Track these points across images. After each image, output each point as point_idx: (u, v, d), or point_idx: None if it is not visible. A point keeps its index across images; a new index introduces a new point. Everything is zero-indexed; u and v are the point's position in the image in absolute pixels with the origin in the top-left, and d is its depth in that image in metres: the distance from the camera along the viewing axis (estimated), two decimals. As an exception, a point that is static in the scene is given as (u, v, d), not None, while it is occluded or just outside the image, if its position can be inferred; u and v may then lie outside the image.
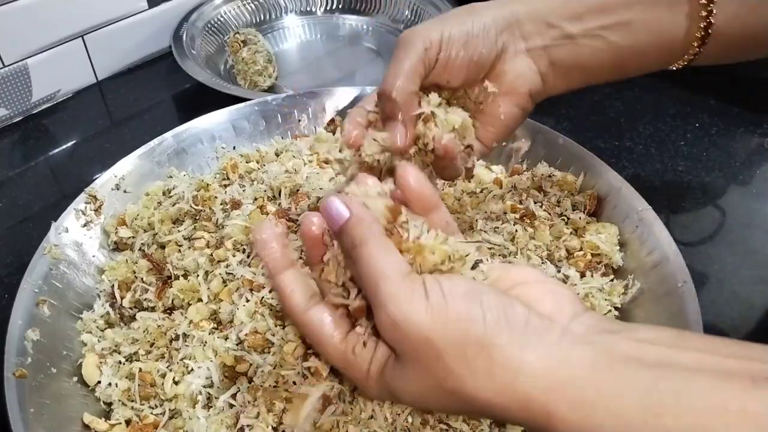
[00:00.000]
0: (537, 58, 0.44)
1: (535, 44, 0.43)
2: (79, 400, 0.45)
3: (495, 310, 0.28)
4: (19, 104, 0.78)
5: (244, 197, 0.56)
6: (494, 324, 0.28)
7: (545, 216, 0.55)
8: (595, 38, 0.43)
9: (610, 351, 0.27)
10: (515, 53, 0.43)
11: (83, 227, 0.55)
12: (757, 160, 0.70)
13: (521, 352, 0.27)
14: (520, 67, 0.43)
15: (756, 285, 0.56)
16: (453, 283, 0.29)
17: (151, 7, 0.87)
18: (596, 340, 0.28)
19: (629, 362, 0.27)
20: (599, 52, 0.43)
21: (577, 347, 0.28)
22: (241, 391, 0.43)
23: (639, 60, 0.44)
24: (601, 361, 0.27)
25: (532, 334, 0.28)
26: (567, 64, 0.44)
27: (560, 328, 0.29)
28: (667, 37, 0.43)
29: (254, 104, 0.66)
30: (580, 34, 0.43)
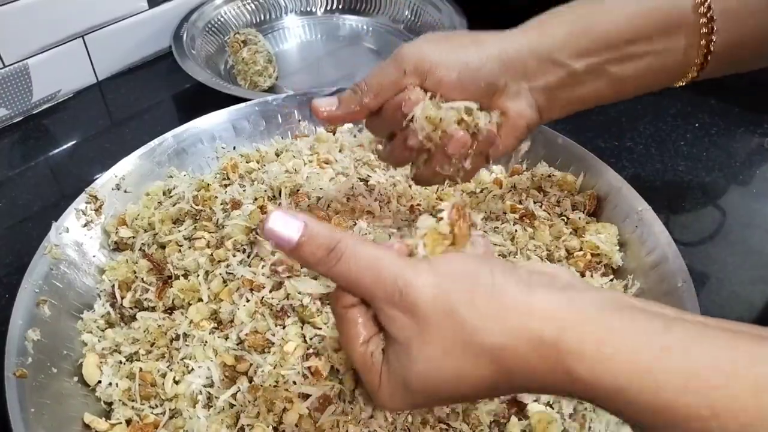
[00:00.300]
0: (537, 96, 0.45)
1: (537, 84, 0.44)
2: (80, 399, 0.45)
3: (501, 265, 0.30)
4: (20, 104, 0.79)
5: (244, 197, 0.56)
6: (501, 275, 0.29)
7: (545, 216, 0.55)
8: (597, 73, 0.44)
9: (618, 299, 0.28)
10: (517, 92, 0.44)
11: (84, 227, 0.55)
12: (757, 160, 0.70)
13: (530, 296, 0.28)
14: (521, 105, 0.44)
15: (756, 285, 0.56)
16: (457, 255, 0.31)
17: (152, 7, 0.87)
18: (600, 292, 0.29)
19: (636, 309, 0.27)
20: (601, 85, 0.44)
21: (585, 293, 0.28)
22: (241, 391, 0.43)
23: (636, 87, 0.46)
24: (609, 306, 0.28)
25: (538, 285, 0.29)
26: (566, 98, 0.45)
27: (564, 281, 0.30)
28: (667, 65, 0.44)
29: (254, 104, 0.66)
30: (584, 70, 0.43)
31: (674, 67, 0.44)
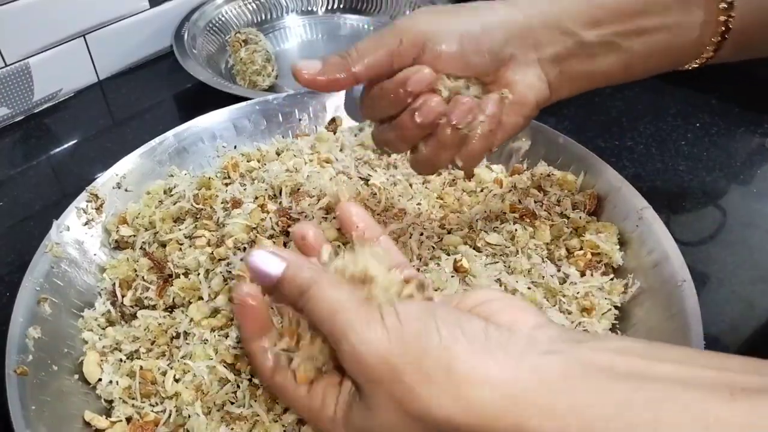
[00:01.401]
0: (547, 68, 0.42)
1: (546, 54, 0.41)
2: (80, 397, 0.45)
3: (449, 322, 0.28)
4: (21, 103, 0.79)
5: (244, 196, 0.56)
6: (449, 335, 0.28)
7: (545, 215, 0.55)
8: (608, 45, 0.41)
9: (580, 360, 0.26)
10: (526, 63, 0.41)
11: (84, 226, 0.55)
12: (757, 159, 0.70)
13: (484, 363, 0.26)
14: (530, 78, 0.41)
15: (756, 285, 0.56)
16: (407, 306, 0.30)
17: (153, 6, 0.87)
18: (564, 349, 0.27)
19: (601, 372, 0.26)
20: (611, 59, 0.42)
21: (545, 357, 0.27)
22: (241, 390, 0.44)
23: (648, 65, 0.43)
24: (571, 371, 0.26)
25: (495, 346, 0.27)
26: (577, 71, 0.42)
27: (524, 337, 0.28)
28: (680, 42, 0.42)
29: (255, 103, 0.66)
30: (595, 41, 0.41)
31: (688, 45, 0.42)
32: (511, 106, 0.41)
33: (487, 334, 0.28)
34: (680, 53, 0.43)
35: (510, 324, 0.29)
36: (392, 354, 0.28)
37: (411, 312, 0.29)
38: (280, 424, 0.41)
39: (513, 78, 0.41)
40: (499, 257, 0.52)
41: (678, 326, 0.44)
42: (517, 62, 0.41)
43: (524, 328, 0.29)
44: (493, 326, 0.28)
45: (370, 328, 0.29)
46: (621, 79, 0.44)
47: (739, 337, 0.52)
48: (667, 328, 0.45)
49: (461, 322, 0.28)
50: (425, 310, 0.29)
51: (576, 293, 0.49)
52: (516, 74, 0.41)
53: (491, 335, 0.28)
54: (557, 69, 0.42)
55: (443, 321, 0.28)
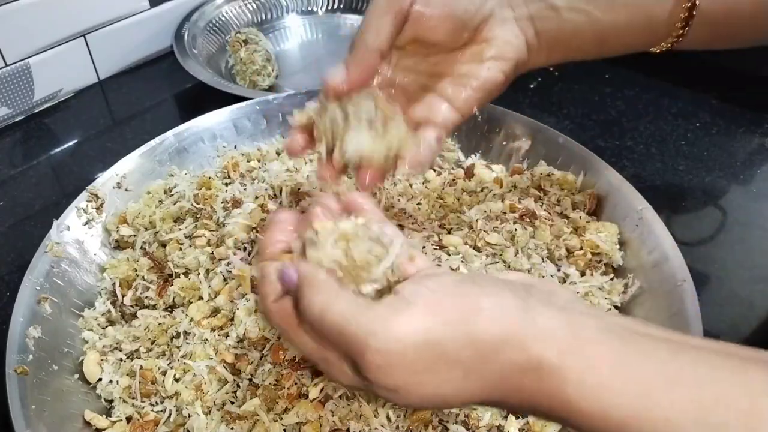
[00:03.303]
0: (524, 28, 0.43)
1: (521, 13, 0.43)
2: (80, 397, 0.46)
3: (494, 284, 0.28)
4: (21, 103, 0.79)
5: (245, 196, 0.56)
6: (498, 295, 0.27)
7: (545, 215, 0.55)
8: (579, 12, 0.43)
9: (620, 323, 0.27)
10: (503, 20, 0.43)
11: (85, 225, 0.55)
12: (758, 159, 0.70)
13: (532, 316, 0.26)
14: (509, 34, 0.43)
15: (756, 285, 0.56)
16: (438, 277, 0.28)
17: (153, 6, 0.87)
18: (602, 315, 0.27)
19: (639, 335, 0.26)
20: (583, 27, 0.44)
21: (586, 317, 0.27)
22: (241, 389, 0.44)
23: (621, 38, 0.44)
24: (612, 330, 0.26)
25: (536, 303, 0.27)
26: (551, 36, 0.44)
27: (564, 300, 0.28)
28: (650, 15, 0.43)
29: (255, 103, 0.66)
30: (565, 7, 0.43)
31: (657, 21, 0.44)
32: (490, 60, 0.42)
33: (529, 293, 0.27)
34: (651, 28, 0.44)
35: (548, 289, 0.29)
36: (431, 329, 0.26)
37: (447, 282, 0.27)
38: (280, 424, 0.41)
39: (493, 34, 0.43)
40: (498, 257, 0.52)
41: (678, 326, 0.44)
42: (495, 19, 0.43)
43: (562, 295, 0.29)
44: (531, 288, 0.28)
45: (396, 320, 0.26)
46: (596, 52, 0.45)
47: (739, 337, 0.52)
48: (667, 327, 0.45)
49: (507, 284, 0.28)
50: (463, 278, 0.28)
51: (576, 293, 0.49)
52: (495, 30, 0.42)
53: (534, 294, 0.27)
54: (533, 29, 0.43)
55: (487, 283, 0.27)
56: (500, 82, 0.43)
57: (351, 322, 0.27)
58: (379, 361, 0.26)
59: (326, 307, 0.28)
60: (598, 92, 0.80)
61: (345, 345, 0.27)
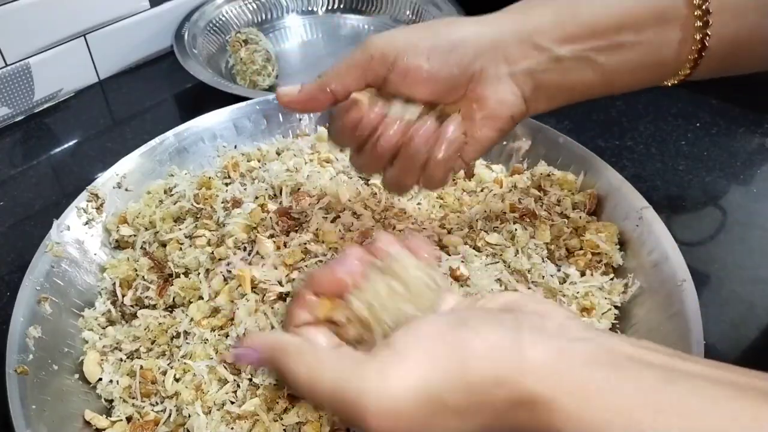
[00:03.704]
0: (521, 83, 0.41)
1: (520, 68, 0.41)
2: (81, 397, 0.45)
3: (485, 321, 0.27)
4: (21, 103, 0.79)
5: (245, 196, 0.56)
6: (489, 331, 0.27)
7: (545, 215, 0.55)
8: (584, 61, 0.41)
9: (611, 348, 0.26)
10: (497, 78, 0.41)
11: (85, 225, 0.55)
12: (758, 159, 0.70)
13: (521, 348, 0.26)
14: (502, 92, 0.41)
15: (756, 285, 0.56)
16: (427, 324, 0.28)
17: (153, 6, 0.87)
18: (595, 337, 0.27)
19: (632, 361, 0.26)
20: (588, 75, 0.41)
21: (577, 342, 0.27)
22: (241, 389, 0.44)
23: (626, 81, 0.43)
24: (602, 356, 0.26)
25: (528, 333, 0.27)
26: (553, 86, 0.42)
27: (556, 324, 0.28)
28: (658, 59, 0.42)
29: (255, 103, 0.66)
30: (569, 57, 0.40)
31: (666, 62, 0.42)
32: (483, 120, 0.41)
33: (519, 322, 0.27)
34: (658, 70, 0.43)
35: (540, 313, 0.29)
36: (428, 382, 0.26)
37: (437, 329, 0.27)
38: (280, 423, 0.41)
39: (483, 93, 0.41)
40: (498, 257, 0.52)
41: (678, 326, 0.44)
42: (487, 76, 0.41)
43: (556, 317, 0.29)
44: (522, 314, 0.28)
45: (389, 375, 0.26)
46: (602, 93, 0.44)
47: (739, 337, 0.52)
48: (667, 327, 0.45)
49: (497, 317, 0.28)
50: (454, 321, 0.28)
51: (576, 293, 0.49)
52: (486, 89, 0.41)
53: (523, 322, 0.27)
54: (532, 83, 0.41)
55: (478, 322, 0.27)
56: (495, 138, 0.42)
57: (344, 386, 0.26)
58: (380, 421, 0.26)
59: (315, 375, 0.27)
60: (598, 94, 0.80)
61: (343, 411, 0.27)
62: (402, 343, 0.27)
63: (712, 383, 0.24)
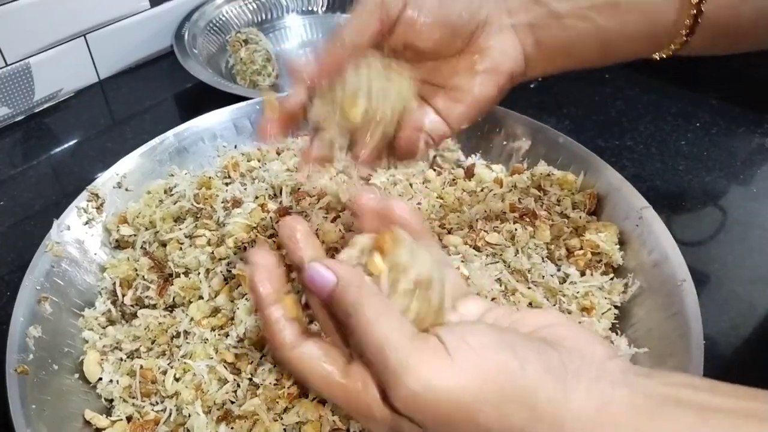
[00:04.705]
0: (523, 37, 0.41)
1: (520, 21, 0.41)
2: (81, 396, 0.46)
3: (533, 358, 0.27)
4: (21, 103, 0.79)
5: (245, 195, 0.56)
6: (535, 374, 0.26)
7: (545, 215, 0.55)
8: (582, 19, 0.41)
9: (650, 393, 0.26)
10: (500, 29, 0.40)
11: (85, 225, 0.55)
12: (758, 159, 0.70)
13: (565, 401, 0.26)
14: (505, 44, 0.40)
15: (756, 285, 0.56)
16: (478, 334, 0.27)
17: (153, 6, 0.87)
18: (633, 382, 0.27)
19: (669, 404, 0.26)
20: (585, 34, 0.41)
21: (616, 389, 0.27)
22: (241, 389, 0.44)
23: (624, 45, 0.43)
24: (641, 403, 0.26)
25: (572, 378, 0.27)
26: (552, 44, 0.42)
27: (596, 367, 0.28)
28: (655, 22, 0.42)
29: (256, 103, 0.66)
30: (568, 13, 0.41)
31: (662, 26, 0.42)
32: (484, 73, 0.40)
33: (565, 366, 0.27)
34: (655, 35, 0.42)
35: (581, 349, 0.28)
36: (466, 393, 0.26)
37: (486, 344, 0.27)
38: (280, 423, 0.41)
39: (487, 44, 0.40)
40: (498, 257, 0.52)
41: (678, 326, 0.44)
42: (491, 27, 0.40)
43: (598, 356, 0.28)
44: (568, 356, 0.28)
45: (434, 366, 0.26)
46: (598, 60, 0.43)
47: (739, 337, 0.52)
48: (667, 327, 0.45)
49: (541, 355, 0.27)
50: (502, 342, 0.27)
51: (576, 293, 0.49)
52: (490, 40, 0.40)
53: (568, 366, 0.27)
54: (533, 39, 0.41)
55: (526, 357, 0.27)
56: (493, 96, 0.41)
57: (394, 347, 0.27)
58: (410, 399, 0.26)
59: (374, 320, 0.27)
60: (598, 92, 0.80)
61: (382, 367, 0.27)
62: (453, 346, 0.27)
63: (746, 419, 0.25)
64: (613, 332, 0.48)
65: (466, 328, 0.29)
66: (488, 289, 0.48)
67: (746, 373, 0.49)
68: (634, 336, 0.47)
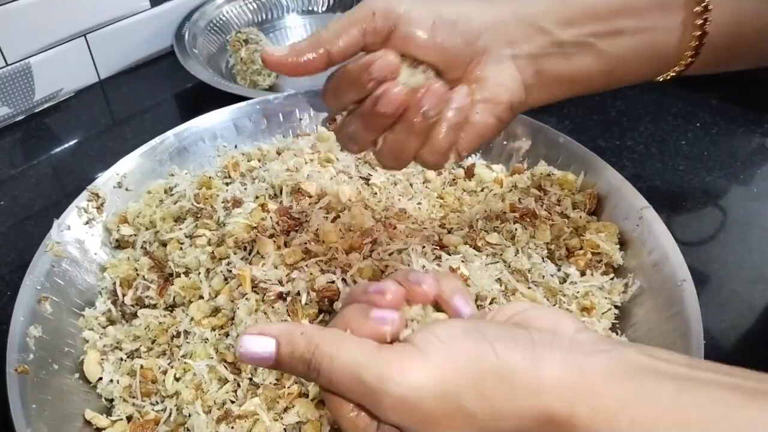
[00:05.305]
0: (523, 67, 0.40)
1: (522, 51, 0.39)
2: (81, 396, 0.46)
3: (502, 338, 0.27)
4: (22, 103, 0.79)
5: (245, 195, 0.56)
6: (505, 350, 0.27)
7: (545, 215, 0.55)
8: (585, 47, 0.40)
9: (626, 360, 0.27)
10: (499, 59, 0.39)
11: (85, 225, 0.55)
12: (758, 159, 0.70)
13: (538, 369, 0.26)
14: (503, 75, 0.39)
15: (756, 285, 0.56)
16: (446, 327, 0.28)
17: (153, 6, 0.87)
18: (609, 349, 0.27)
19: (647, 372, 0.26)
20: (588, 62, 0.41)
21: (592, 356, 0.27)
22: (241, 388, 0.44)
23: (628, 70, 0.42)
24: (618, 370, 0.26)
25: (542, 349, 0.27)
26: (554, 74, 0.41)
27: (567, 339, 0.28)
28: (659, 46, 0.41)
29: (256, 103, 0.66)
30: (570, 41, 0.40)
31: (666, 50, 0.41)
32: (482, 104, 0.39)
33: (533, 340, 0.27)
34: (659, 58, 0.42)
35: (550, 326, 0.29)
36: (447, 384, 0.26)
37: (455, 334, 0.28)
38: (280, 423, 0.41)
39: (484, 74, 0.39)
40: (499, 257, 0.52)
41: (678, 326, 0.44)
42: (489, 57, 0.39)
43: (567, 331, 0.29)
44: (535, 331, 0.28)
45: (409, 367, 0.27)
46: (602, 85, 0.43)
47: (739, 337, 0.52)
48: (667, 327, 0.45)
49: (509, 332, 0.28)
50: (470, 329, 0.28)
51: (576, 293, 0.49)
52: (488, 70, 0.39)
53: (537, 340, 0.27)
54: (533, 69, 0.40)
55: (494, 337, 0.27)
56: (493, 126, 0.40)
57: (365, 366, 0.27)
58: (398, 405, 0.27)
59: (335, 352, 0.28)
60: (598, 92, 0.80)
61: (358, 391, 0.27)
62: (423, 342, 0.27)
63: (726, 390, 0.24)
64: (613, 332, 0.48)
65: (433, 324, 0.29)
66: (488, 289, 0.48)
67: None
68: (634, 336, 0.47)
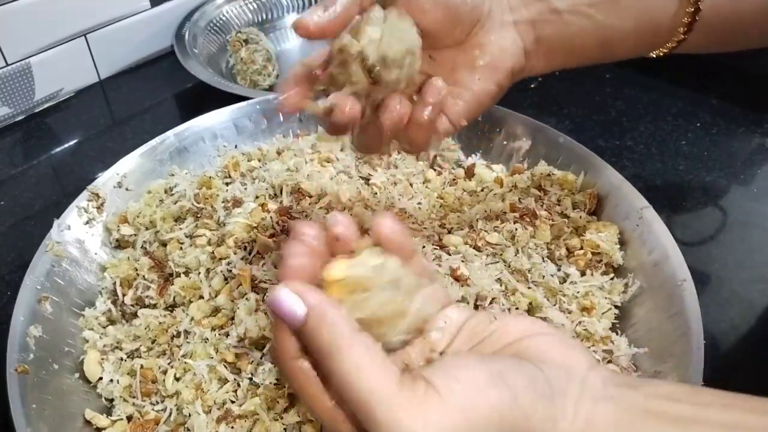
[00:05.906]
0: (524, 33, 0.41)
1: (521, 17, 0.41)
2: (81, 396, 0.46)
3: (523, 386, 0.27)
4: (22, 103, 0.79)
5: (245, 195, 0.56)
6: (527, 402, 0.26)
7: (546, 215, 0.55)
8: (581, 16, 0.41)
9: (633, 407, 0.27)
10: (501, 24, 0.40)
11: (85, 225, 0.55)
12: (758, 159, 0.70)
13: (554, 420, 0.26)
14: (506, 40, 0.40)
15: (756, 285, 0.56)
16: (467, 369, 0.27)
17: (154, 6, 0.87)
18: (616, 395, 0.27)
19: (652, 418, 0.26)
20: (585, 31, 0.41)
21: (599, 404, 0.27)
22: (241, 388, 0.44)
23: (623, 42, 0.43)
24: (624, 419, 0.26)
25: (559, 397, 0.27)
26: (552, 41, 0.42)
27: (579, 381, 0.28)
28: (654, 18, 0.42)
29: (256, 103, 0.66)
30: (567, 10, 0.41)
31: (660, 23, 0.42)
32: (484, 69, 0.40)
33: (551, 386, 0.27)
34: (654, 31, 0.43)
35: (564, 364, 0.28)
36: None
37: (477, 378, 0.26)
38: (280, 423, 0.41)
39: (487, 39, 0.40)
40: (499, 257, 0.52)
41: (678, 326, 0.44)
42: (493, 22, 0.40)
43: (580, 368, 0.28)
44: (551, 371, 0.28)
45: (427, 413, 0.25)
46: (597, 56, 0.44)
47: (739, 337, 0.52)
48: (667, 327, 0.45)
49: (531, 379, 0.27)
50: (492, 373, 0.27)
51: (576, 293, 0.49)
52: (491, 35, 0.40)
53: (554, 386, 0.27)
54: (533, 35, 0.41)
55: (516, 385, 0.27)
56: (493, 93, 0.41)
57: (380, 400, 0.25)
58: None
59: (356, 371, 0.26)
60: (599, 92, 0.80)
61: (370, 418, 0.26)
62: (441, 384, 0.26)
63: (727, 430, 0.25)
64: (613, 332, 0.48)
65: (454, 362, 0.28)
66: (488, 289, 0.48)
67: (746, 372, 0.49)
68: (634, 336, 0.47)
